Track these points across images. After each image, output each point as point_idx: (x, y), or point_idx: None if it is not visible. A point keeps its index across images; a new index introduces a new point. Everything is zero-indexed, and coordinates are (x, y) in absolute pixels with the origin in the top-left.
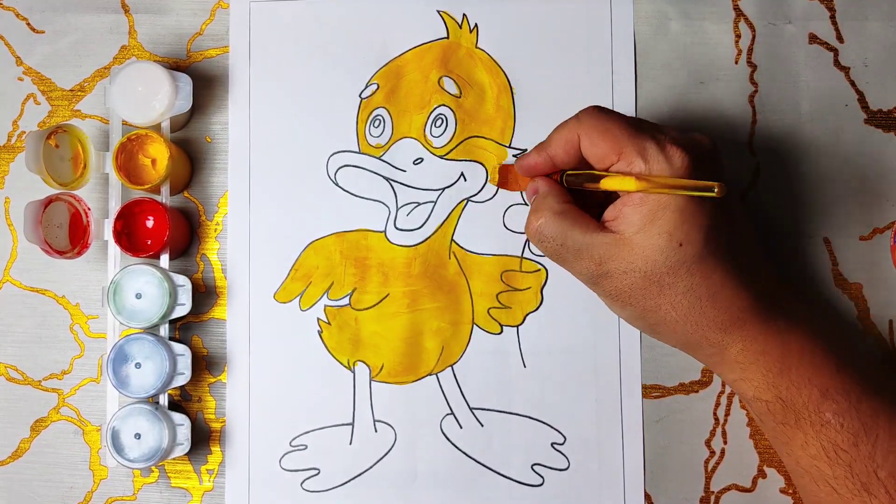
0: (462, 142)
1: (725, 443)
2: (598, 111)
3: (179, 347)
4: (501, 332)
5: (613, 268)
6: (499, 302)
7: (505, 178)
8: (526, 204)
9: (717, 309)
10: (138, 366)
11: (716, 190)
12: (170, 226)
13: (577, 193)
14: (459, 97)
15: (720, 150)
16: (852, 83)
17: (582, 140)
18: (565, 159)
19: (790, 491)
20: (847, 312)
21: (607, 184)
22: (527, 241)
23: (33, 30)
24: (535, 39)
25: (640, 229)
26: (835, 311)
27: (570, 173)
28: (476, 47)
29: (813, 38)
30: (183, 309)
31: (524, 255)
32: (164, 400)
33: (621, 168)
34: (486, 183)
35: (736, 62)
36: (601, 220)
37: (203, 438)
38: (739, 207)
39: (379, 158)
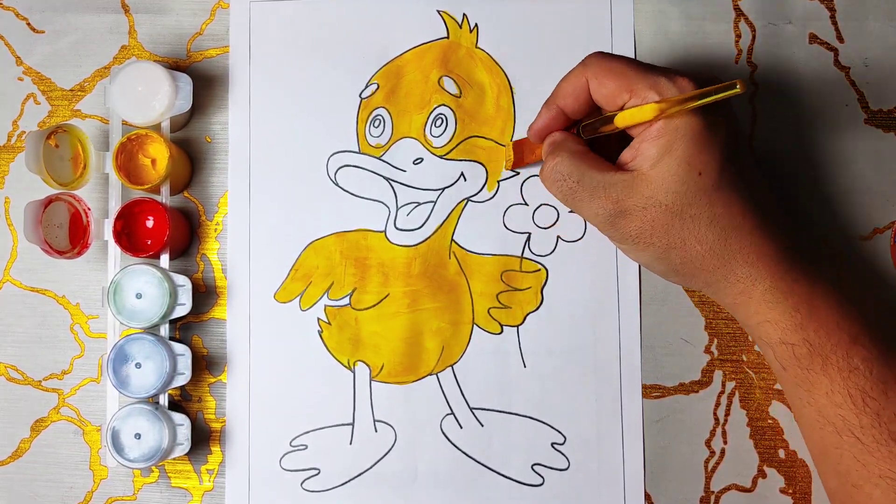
0: (462, 142)
1: (725, 443)
2: (603, 54)
3: (179, 347)
4: (501, 332)
5: (632, 205)
6: (499, 302)
7: (520, 153)
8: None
9: (743, 241)
10: (138, 366)
11: (738, 86)
12: (170, 226)
13: (593, 147)
14: (459, 97)
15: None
16: (852, 83)
17: (591, 83)
18: (575, 107)
19: (790, 491)
20: None
21: (625, 118)
22: (527, 240)
23: (33, 30)
24: (535, 39)
25: (658, 161)
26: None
27: (586, 123)
28: (476, 47)
29: (813, 38)
30: (183, 309)
31: (524, 255)
32: (164, 400)
33: (635, 104)
34: (486, 183)
35: (736, 62)
36: (617, 164)
37: (203, 438)
38: (749, 156)
39: (379, 158)
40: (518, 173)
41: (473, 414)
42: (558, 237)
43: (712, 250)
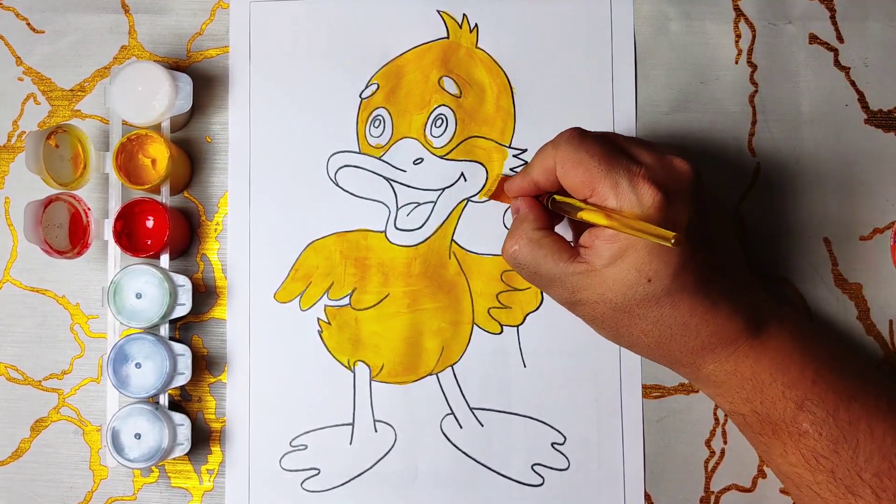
0: (462, 142)
1: (725, 443)
2: (574, 138)
3: (179, 347)
4: (501, 332)
5: (586, 297)
6: (499, 302)
7: (500, 190)
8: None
9: (687, 336)
10: (138, 366)
11: (672, 241)
12: (170, 226)
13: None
14: (459, 97)
15: (700, 176)
16: (852, 83)
17: (557, 169)
18: (545, 182)
19: None
20: (847, 312)
21: (583, 216)
22: None
23: (33, 30)
24: (535, 39)
25: (611, 263)
26: (825, 310)
27: (556, 199)
28: (476, 47)
29: (813, 38)
30: (183, 309)
31: None
32: (164, 400)
33: (596, 202)
34: (486, 183)
35: (736, 62)
36: (578, 243)
37: (203, 438)
38: (725, 217)
39: (379, 158)
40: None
41: (473, 414)
42: None
43: (657, 343)
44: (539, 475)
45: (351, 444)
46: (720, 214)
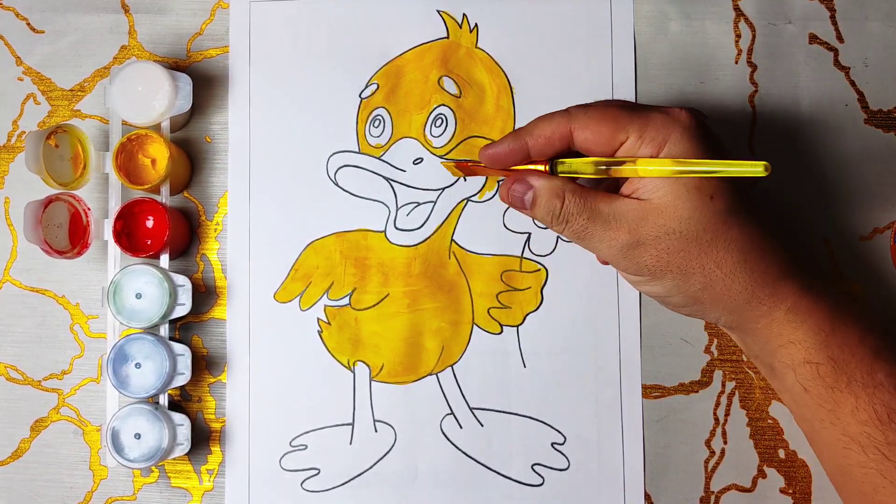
0: (462, 142)
1: (725, 443)
2: (587, 105)
3: (179, 347)
4: (501, 332)
5: (646, 234)
6: (499, 302)
7: (466, 170)
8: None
9: (763, 262)
10: (138, 366)
11: (763, 169)
12: (170, 226)
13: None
14: (459, 97)
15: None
16: (852, 83)
17: (577, 133)
18: (544, 149)
19: (790, 491)
20: None
21: (630, 172)
22: (527, 241)
23: (33, 30)
24: (535, 39)
25: (668, 192)
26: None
27: (570, 162)
28: (476, 47)
29: (813, 38)
30: (183, 309)
31: (524, 255)
32: (164, 400)
33: (630, 146)
34: (486, 183)
35: (736, 62)
36: (621, 192)
37: (203, 438)
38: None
39: (379, 158)
40: None
41: (473, 414)
42: (558, 237)
43: (732, 273)
44: (539, 475)
45: (351, 444)
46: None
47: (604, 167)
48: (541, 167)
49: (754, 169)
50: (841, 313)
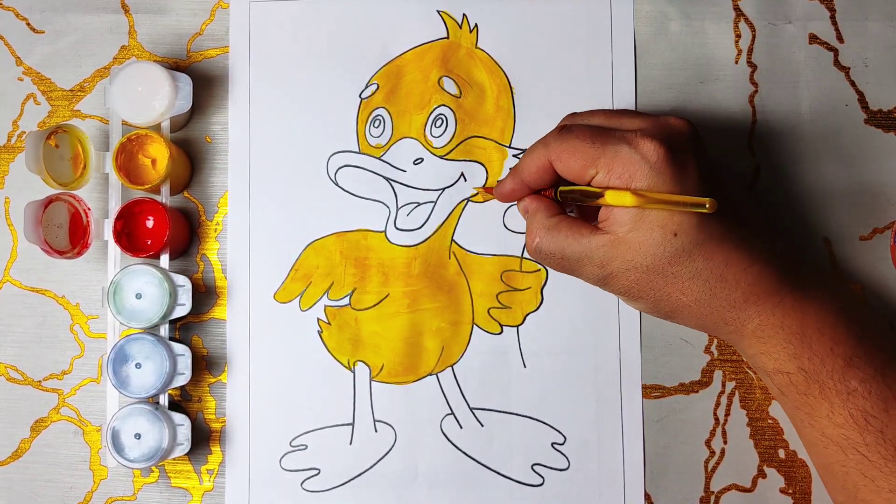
0: (462, 142)
1: (725, 443)
2: (561, 133)
3: (179, 347)
4: (501, 332)
5: (615, 268)
6: (499, 302)
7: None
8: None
9: (728, 288)
10: (138, 366)
11: (707, 206)
12: (170, 226)
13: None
14: (459, 97)
15: (697, 131)
16: (852, 83)
17: (555, 164)
18: (540, 182)
19: (790, 491)
20: None
21: (605, 201)
22: None
23: (33, 30)
24: (535, 39)
25: (633, 227)
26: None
27: (563, 190)
28: (476, 47)
29: (813, 38)
30: (183, 309)
31: (524, 256)
32: (164, 400)
33: (601, 179)
34: (486, 183)
35: (736, 62)
36: (597, 222)
37: (203, 438)
38: (737, 190)
39: (379, 158)
40: None
41: (473, 414)
42: None
43: (698, 301)
44: (539, 475)
45: (351, 444)
46: (732, 184)
47: (590, 198)
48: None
49: (698, 205)
50: (813, 324)
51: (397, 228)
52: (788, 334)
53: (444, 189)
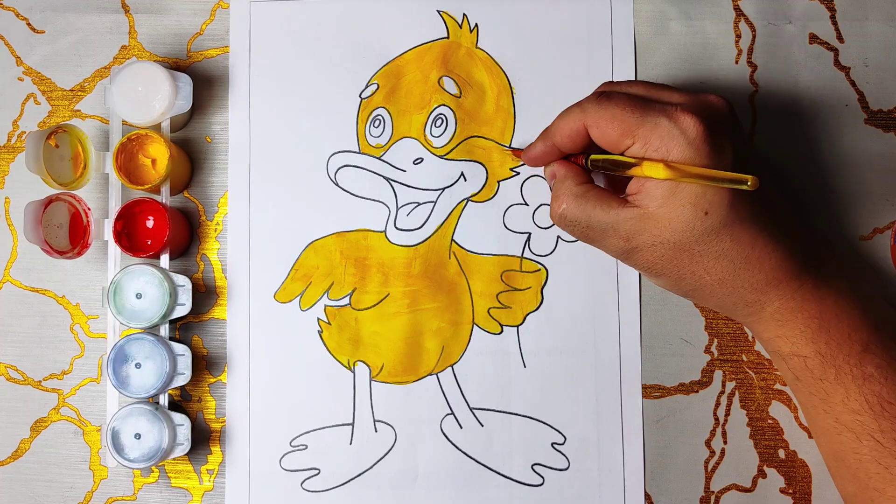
0: (462, 142)
1: (725, 443)
2: (600, 98)
3: (179, 347)
4: (501, 332)
5: (642, 242)
6: (499, 302)
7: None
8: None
9: (751, 270)
10: (138, 366)
11: (749, 183)
12: (170, 226)
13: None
14: (459, 97)
15: (734, 110)
16: (852, 83)
17: (590, 130)
18: (572, 147)
19: (790, 491)
20: None
21: (638, 172)
22: (527, 241)
23: (33, 30)
24: (535, 39)
25: (664, 203)
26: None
27: (595, 158)
28: (476, 47)
29: (813, 38)
30: (183, 309)
31: (524, 255)
32: (164, 400)
33: (637, 151)
34: (486, 183)
35: (736, 62)
36: (625, 194)
37: (203, 438)
38: (766, 174)
39: (379, 158)
40: (518, 173)
41: (473, 414)
42: (558, 237)
43: (721, 280)
44: (539, 475)
45: (351, 444)
46: (760, 165)
47: (622, 168)
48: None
49: (739, 181)
50: (831, 310)
51: (397, 228)
52: (807, 318)
53: (444, 189)
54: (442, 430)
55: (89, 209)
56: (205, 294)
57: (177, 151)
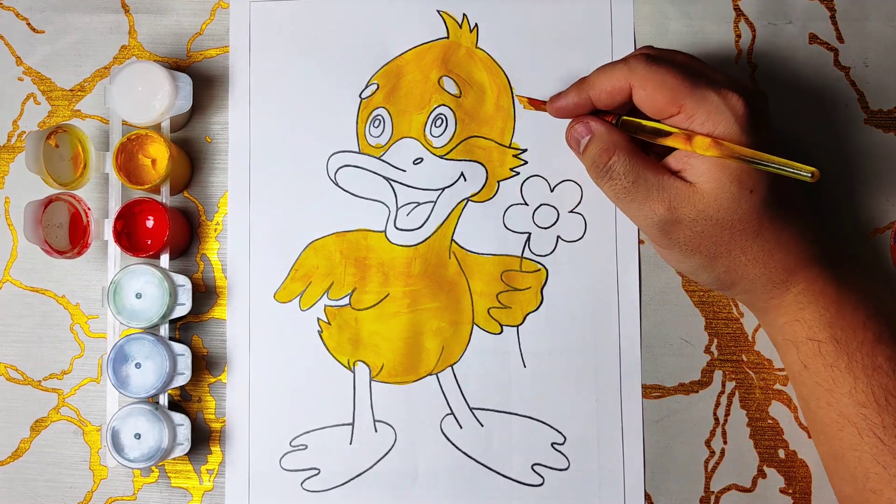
0: (462, 142)
1: (725, 443)
2: (650, 61)
3: (179, 347)
4: (501, 332)
5: (684, 215)
6: (499, 302)
7: (538, 105)
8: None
9: (784, 251)
10: (138, 366)
11: (812, 175)
12: (170, 226)
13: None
14: (459, 97)
15: (768, 101)
16: (852, 83)
17: (635, 91)
18: (608, 104)
19: (790, 491)
20: None
21: (676, 143)
22: (527, 241)
23: (33, 30)
24: (535, 39)
25: (711, 178)
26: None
27: (628, 120)
28: (476, 47)
29: (813, 38)
30: (183, 309)
31: (524, 255)
32: (164, 400)
33: (680, 121)
34: (486, 183)
35: (736, 62)
36: (665, 167)
37: (203, 438)
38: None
39: (379, 158)
40: (518, 173)
41: (473, 414)
42: (558, 237)
43: (755, 259)
44: (539, 475)
45: (351, 444)
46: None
47: (658, 135)
48: (609, 118)
49: (802, 172)
50: (847, 299)
51: (397, 228)
52: (827, 303)
53: (443, 189)
54: (442, 430)
55: (89, 209)
56: (205, 294)
57: (177, 151)
